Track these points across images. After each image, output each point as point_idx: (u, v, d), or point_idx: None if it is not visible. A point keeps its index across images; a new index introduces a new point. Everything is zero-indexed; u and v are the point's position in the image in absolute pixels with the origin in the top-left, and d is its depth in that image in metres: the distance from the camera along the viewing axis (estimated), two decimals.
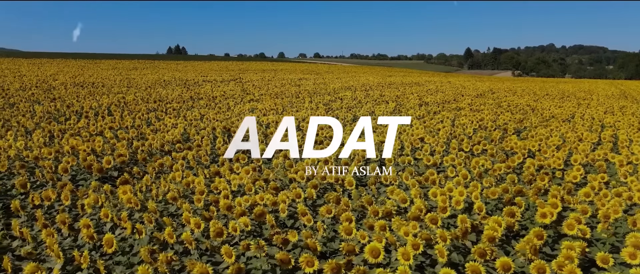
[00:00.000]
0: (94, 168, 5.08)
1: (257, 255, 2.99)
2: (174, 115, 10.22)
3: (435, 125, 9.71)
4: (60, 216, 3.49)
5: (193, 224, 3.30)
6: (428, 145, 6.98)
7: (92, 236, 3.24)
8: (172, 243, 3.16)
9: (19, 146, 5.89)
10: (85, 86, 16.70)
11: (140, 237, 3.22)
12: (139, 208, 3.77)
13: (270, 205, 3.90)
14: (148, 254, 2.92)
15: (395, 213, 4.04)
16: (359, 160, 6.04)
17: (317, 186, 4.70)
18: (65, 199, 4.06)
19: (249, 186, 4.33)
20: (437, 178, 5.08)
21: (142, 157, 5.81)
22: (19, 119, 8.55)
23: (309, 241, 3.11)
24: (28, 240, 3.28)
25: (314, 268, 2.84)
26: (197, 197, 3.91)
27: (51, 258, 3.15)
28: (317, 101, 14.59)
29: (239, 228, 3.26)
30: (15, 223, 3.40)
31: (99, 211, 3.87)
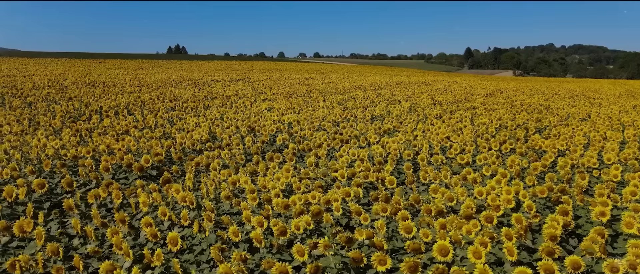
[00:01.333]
0: (135, 167, 5.09)
1: (325, 253, 2.99)
2: (193, 114, 10.22)
3: (454, 124, 9.72)
4: (119, 215, 3.49)
5: (255, 222, 3.30)
6: (457, 144, 6.97)
7: (155, 235, 3.24)
8: (237, 241, 3.16)
9: (55, 145, 5.88)
10: (96, 85, 16.68)
11: (205, 235, 3.22)
12: (194, 207, 3.77)
13: (323, 203, 3.90)
14: (219, 252, 2.92)
15: (446, 211, 4.06)
16: (394, 159, 6.03)
17: (361, 184, 4.70)
18: (116, 197, 4.06)
19: (297, 185, 4.32)
20: (475, 177, 5.08)
21: (177, 156, 5.80)
22: (40, 118, 8.53)
23: (375, 239, 3.11)
24: (91, 238, 3.27)
25: (387, 267, 2.84)
26: (250, 196, 3.91)
27: (117, 256, 3.15)
28: (330, 100, 14.58)
29: (302, 227, 3.26)
30: (76, 221, 3.40)
31: (151, 210, 3.87)
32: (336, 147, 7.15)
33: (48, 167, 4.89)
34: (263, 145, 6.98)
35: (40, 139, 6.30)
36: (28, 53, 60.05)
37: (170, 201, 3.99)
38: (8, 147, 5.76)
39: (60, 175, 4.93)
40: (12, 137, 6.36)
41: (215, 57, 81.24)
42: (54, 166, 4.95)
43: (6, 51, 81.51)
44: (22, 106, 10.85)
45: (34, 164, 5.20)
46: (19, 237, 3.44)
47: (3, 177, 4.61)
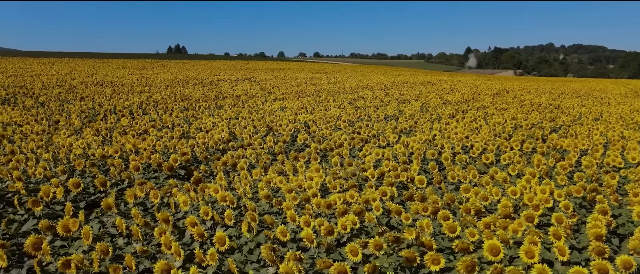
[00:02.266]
0: (165, 166, 5.08)
1: (375, 253, 2.98)
2: (207, 114, 10.21)
3: (469, 123, 9.71)
4: (162, 214, 3.49)
5: (302, 222, 3.30)
6: (478, 144, 6.97)
7: (201, 234, 3.24)
8: (285, 240, 3.16)
9: (80, 144, 5.87)
10: (105, 85, 16.66)
11: (253, 235, 3.21)
12: (235, 206, 3.76)
13: (362, 203, 3.90)
14: (270, 252, 2.92)
15: (483, 211, 4.06)
16: (418, 158, 6.03)
17: (393, 183, 4.69)
18: (154, 197, 4.05)
19: (333, 184, 4.32)
20: (504, 176, 5.08)
21: (203, 156, 5.80)
22: (57, 118, 8.52)
23: (423, 238, 3.11)
24: (138, 237, 3.27)
25: (440, 266, 2.84)
26: (289, 195, 3.90)
27: (166, 256, 3.15)
28: (340, 99, 14.58)
29: (349, 226, 3.25)
30: (120, 220, 3.39)
31: (191, 209, 3.86)
32: (357, 146, 7.15)
33: (80, 167, 4.88)
34: (284, 145, 6.97)
35: (64, 138, 6.30)
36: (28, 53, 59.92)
37: (209, 201, 3.98)
38: (34, 147, 5.75)
39: (91, 174, 4.93)
40: (36, 136, 6.35)
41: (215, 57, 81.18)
42: (84, 166, 4.94)
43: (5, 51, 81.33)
44: (35, 105, 10.84)
45: (63, 163, 5.19)
46: (62, 236, 3.44)
47: (36, 177, 4.60)
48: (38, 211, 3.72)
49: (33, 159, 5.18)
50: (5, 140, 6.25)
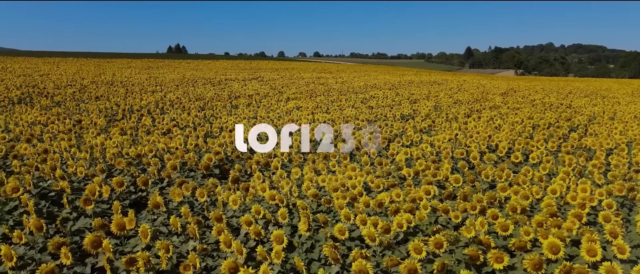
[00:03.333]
0: (201, 166, 5.10)
1: (435, 251, 3.00)
2: (225, 113, 10.22)
3: (487, 123, 9.74)
4: (215, 213, 3.50)
5: (358, 220, 3.32)
6: (503, 143, 6.99)
7: (258, 233, 3.26)
8: (344, 239, 3.18)
9: (112, 143, 5.89)
10: (115, 85, 16.66)
11: (309, 233, 3.23)
12: (285, 204, 3.78)
13: (409, 201, 3.92)
14: (333, 250, 2.94)
15: (529, 210, 4.08)
16: (448, 158, 6.05)
17: (431, 182, 4.71)
18: (201, 196, 4.07)
19: (377, 183, 4.34)
20: (540, 175, 5.11)
21: (235, 155, 5.82)
22: (77, 117, 8.53)
23: (482, 237, 3.14)
24: (195, 236, 3.29)
25: (504, 264, 2.86)
26: (336, 194, 3.92)
27: (225, 254, 3.17)
28: (353, 99, 14.60)
29: (405, 224, 3.27)
30: (175, 219, 3.41)
31: (241, 209, 3.88)
32: (382, 145, 7.17)
33: (120, 166, 4.90)
34: (311, 144, 6.99)
35: (93, 138, 6.31)
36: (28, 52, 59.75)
37: (256, 199, 4.00)
38: (67, 146, 5.77)
39: (129, 173, 4.95)
40: (65, 136, 6.36)
41: (216, 56, 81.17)
42: (124, 165, 4.96)
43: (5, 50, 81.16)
44: (52, 105, 10.85)
45: (100, 162, 5.21)
46: (116, 235, 3.46)
47: (77, 176, 4.61)
48: (90, 209, 3.74)
49: (69, 158, 5.20)
50: (35, 139, 6.25)
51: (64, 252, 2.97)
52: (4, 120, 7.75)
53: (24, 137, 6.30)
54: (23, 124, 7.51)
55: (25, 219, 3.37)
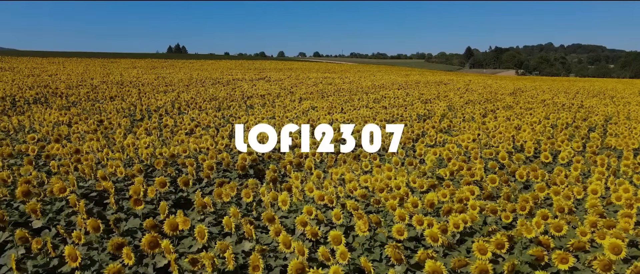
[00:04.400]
0: (238, 166, 5.10)
1: (497, 252, 3.00)
2: (242, 113, 10.21)
3: (503, 122, 9.73)
4: (267, 213, 3.50)
5: (415, 221, 3.31)
6: (529, 143, 7.00)
7: (315, 233, 3.25)
8: (402, 239, 3.17)
9: (142, 144, 5.88)
10: (125, 85, 16.64)
11: (368, 234, 3.23)
12: (334, 205, 3.78)
13: (456, 201, 3.92)
14: (396, 250, 2.94)
15: (575, 210, 4.08)
16: (478, 158, 6.05)
17: (470, 182, 4.71)
18: (246, 196, 4.07)
19: (420, 183, 4.34)
20: (576, 175, 5.11)
21: (267, 155, 5.81)
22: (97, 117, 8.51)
23: (541, 237, 3.14)
24: (251, 236, 3.28)
25: (569, 265, 2.85)
26: (385, 194, 3.92)
27: (284, 254, 3.16)
28: (365, 99, 14.60)
29: (461, 225, 3.27)
30: (228, 219, 3.40)
31: (286, 208, 3.88)
32: (408, 145, 7.17)
33: (159, 166, 4.89)
34: (337, 144, 6.99)
35: (121, 138, 6.30)
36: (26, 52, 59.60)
37: (306, 201, 4.00)
38: (99, 146, 5.76)
39: (166, 173, 4.94)
40: (93, 136, 6.35)
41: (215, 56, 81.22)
42: (163, 165, 4.95)
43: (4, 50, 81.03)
44: (67, 105, 10.84)
45: (135, 162, 5.20)
46: (169, 235, 3.45)
47: (117, 176, 4.61)
48: (139, 209, 3.73)
49: (104, 159, 5.19)
50: (64, 140, 6.25)
51: (126, 252, 2.96)
52: (28, 120, 7.73)
53: (53, 137, 6.29)
54: (47, 124, 7.49)
55: (81, 219, 3.36)
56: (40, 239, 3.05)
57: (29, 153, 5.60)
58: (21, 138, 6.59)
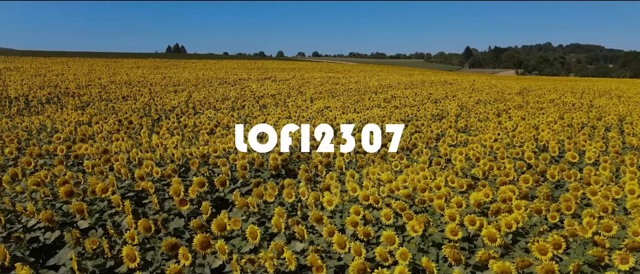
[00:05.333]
0: (271, 166, 5.08)
1: (554, 252, 2.99)
2: (257, 113, 10.19)
3: (520, 122, 9.72)
4: (314, 214, 3.49)
5: (467, 221, 3.30)
6: (552, 142, 7.00)
7: (368, 234, 3.24)
8: (456, 239, 3.16)
9: (170, 144, 5.86)
10: (134, 85, 16.59)
11: (417, 234, 3.22)
12: (379, 205, 3.77)
13: (500, 201, 3.91)
14: (454, 250, 2.93)
15: (617, 209, 4.07)
16: (506, 158, 6.04)
17: (505, 182, 4.71)
18: (288, 196, 4.05)
19: (460, 183, 4.33)
20: (608, 174, 5.11)
21: (296, 155, 5.80)
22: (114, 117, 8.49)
23: (596, 238, 3.13)
24: (303, 237, 3.26)
25: (629, 265, 2.85)
26: (427, 194, 3.90)
27: (338, 255, 3.15)
28: (375, 99, 14.59)
29: (514, 225, 3.26)
30: (278, 219, 3.39)
31: (332, 208, 3.86)
32: (431, 145, 7.16)
33: (194, 166, 4.87)
34: (360, 143, 6.97)
35: (146, 138, 6.28)
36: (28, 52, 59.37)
37: (347, 200, 3.98)
38: (127, 147, 5.73)
39: (199, 173, 4.92)
40: (118, 136, 6.32)
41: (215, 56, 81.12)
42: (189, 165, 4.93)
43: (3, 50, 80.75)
44: (81, 105, 10.81)
45: (166, 162, 5.18)
46: (217, 235, 3.43)
47: (153, 176, 4.58)
48: (185, 210, 3.71)
49: (135, 159, 5.17)
50: (90, 140, 6.22)
51: (182, 252, 2.95)
52: (50, 120, 7.70)
53: (78, 137, 6.27)
54: (69, 124, 7.46)
55: (130, 219, 3.34)
56: (95, 240, 3.03)
57: (57, 153, 5.59)
58: (45, 138, 6.56)
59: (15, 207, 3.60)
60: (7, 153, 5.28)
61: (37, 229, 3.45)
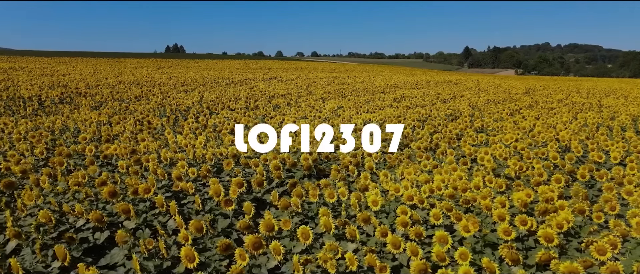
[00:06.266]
0: (304, 166, 5.08)
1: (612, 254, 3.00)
2: (273, 114, 10.18)
3: (534, 122, 9.73)
4: (363, 214, 3.49)
5: (518, 221, 3.31)
6: (575, 142, 7.01)
7: (420, 234, 3.24)
8: (509, 239, 3.16)
9: (198, 145, 5.85)
10: (142, 85, 16.55)
11: (480, 234, 3.22)
12: (424, 206, 3.77)
13: (542, 202, 3.91)
14: (512, 251, 2.93)
15: None
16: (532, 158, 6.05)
17: (540, 183, 4.71)
18: (329, 196, 4.04)
19: (499, 183, 4.34)
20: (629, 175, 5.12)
21: (324, 156, 5.79)
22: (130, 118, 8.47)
23: None
24: (355, 238, 3.26)
25: None
26: (469, 194, 3.91)
27: (392, 255, 3.14)
28: (385, 99, 14.60)
29: (565, 225, 3.26)
30: (328, 221, 3.38)
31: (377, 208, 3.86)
32: (453, 145, 7.17)
33: (229, 167, 4.87)
34: (385, 143, 6.98)
35: (172, 138, 6.27)
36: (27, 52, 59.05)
37: (392, 200, 3.98)
38: (156, 147, 5.72)
39: (233, 174, 4.91)
40: (142, 136, 6.31)
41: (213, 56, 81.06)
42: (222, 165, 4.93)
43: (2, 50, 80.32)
44: (95, 105, 10.78)
45: (197, 163, 5.17)
46: (267, 236, 3.43)
47: (190, 176, 4.57)
48: (230, 210, 3.71)
49: (167, 160, 5.15)
50: (116, 140, 6.21)
51: (239, 253, 2.94)
52: (72, 121, 7.68)
53: (103, 137, 6.25)
54: (90, 124, 7.44)
55: (180, 220, 3.33)
56: (151, 240, 3.02)
57: (86, 153, 5.57)
58: (68, 138, 6.54)
59: (61, 207, 3.59)
60: (37, 153, 5.26)
61: (85, 230, 3.43)
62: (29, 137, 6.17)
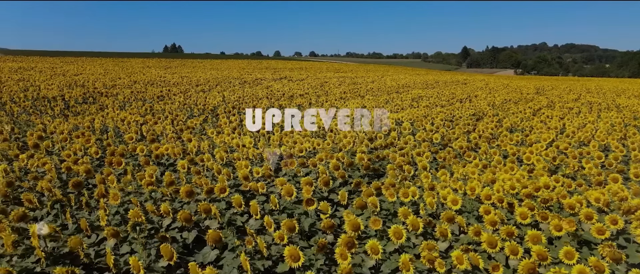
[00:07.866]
0: (364, 165, 5.08)
1: None
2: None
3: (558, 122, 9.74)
4: (446, 213, 3.49)
5: (609, 221, 3.31)
6: (616, 142, 7.04)
7: (511, 233, 3.24)
8: (603, 238, 3.17)
9: (247, 144, 5.83)
10: (157, 85, 16.51)
11: (560, 233, 3.22)
12: (503, 205, 3.77)
13: (617, 201, 3.92)
14: (614, 250, 2.93)
15: None
16: (579, 158, 6.07)
17: (601, 183, 4.72)
18: (403, 196, 4.04)
19: (568, 182, 4.34)
20: None
21: (375, 155, 5.79)
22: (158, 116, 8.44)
23: None
24: (449, 237, 3.26)
25: None
26: (559, 193, 3.92)
27: (486, 253, 3.14)
28: (403, 98, 14.61)
29: (614, 227, 3.28)
30: (415, 220, 3.38)
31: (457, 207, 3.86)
32: (493, 144, 7.18)
33: (293, 166, 4.85)
34: (423, 143, 6.98)
35: (215, 138, 6.25)
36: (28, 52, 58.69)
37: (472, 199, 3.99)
38: (206, 147, 5.70)
39: (291, 174, 4.90)
40: (187, 135, 6.29)
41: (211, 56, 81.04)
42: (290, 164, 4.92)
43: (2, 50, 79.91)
44: (121, 105, 10.74)
45: (256, 163, 5.16)
46: (352, 235, 3.41)
47: (254, 176, 4.56)
48: (312, 209, 3.70)
49: (222, 159, 5.14)
50: (162, 139, 6.18)
51: (339, 252, 2.93)
52: (111, 121, 7.65)
53: (148, 137, 6.23)
54: (128, 123, 7.41)
55: (269, 219, 3.32)
56: (250, 240, 3.01)
57: (137, 153, 5.55)
58: (111, 137, 6.52)
59: (144, 207, 3.57)
60: (92, 153, 5.24)
61: (171, 229, 3.42)
62: (74, 137, 6.14)
